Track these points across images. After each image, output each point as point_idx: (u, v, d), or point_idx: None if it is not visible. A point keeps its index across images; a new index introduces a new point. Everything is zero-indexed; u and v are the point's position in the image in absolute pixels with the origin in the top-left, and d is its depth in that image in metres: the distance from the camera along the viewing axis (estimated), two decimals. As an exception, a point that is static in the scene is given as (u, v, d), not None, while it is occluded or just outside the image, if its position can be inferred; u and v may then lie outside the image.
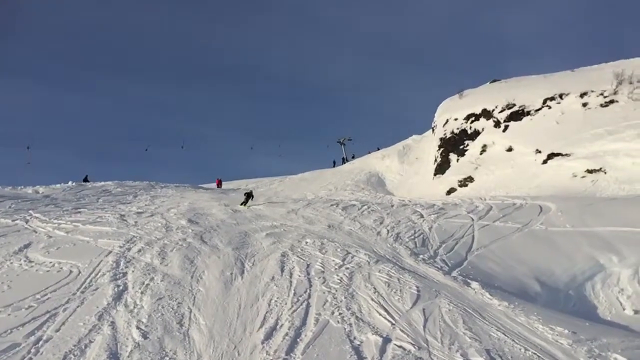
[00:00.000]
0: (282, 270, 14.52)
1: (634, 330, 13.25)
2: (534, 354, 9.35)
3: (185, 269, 14.43)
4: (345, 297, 12.19)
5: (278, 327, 10.53)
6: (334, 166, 62.71)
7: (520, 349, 9.51)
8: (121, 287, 12.69)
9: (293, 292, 12.66)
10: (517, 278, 16.08)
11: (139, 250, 16.17)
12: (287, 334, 10.06)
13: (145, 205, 26.57)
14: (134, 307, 11.51)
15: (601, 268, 16.65)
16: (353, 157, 64.47)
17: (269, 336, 10.05)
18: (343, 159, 65.74)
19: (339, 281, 13.41)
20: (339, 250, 16.86)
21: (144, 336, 10.07)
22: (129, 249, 16.26)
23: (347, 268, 14.70)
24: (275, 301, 12.08)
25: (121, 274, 13.70)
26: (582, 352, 9.62)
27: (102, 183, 36.36)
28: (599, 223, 19.74)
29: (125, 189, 33.32)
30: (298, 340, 9.80)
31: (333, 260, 15.51)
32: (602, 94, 38.16)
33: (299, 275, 13.96)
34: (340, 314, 11.12)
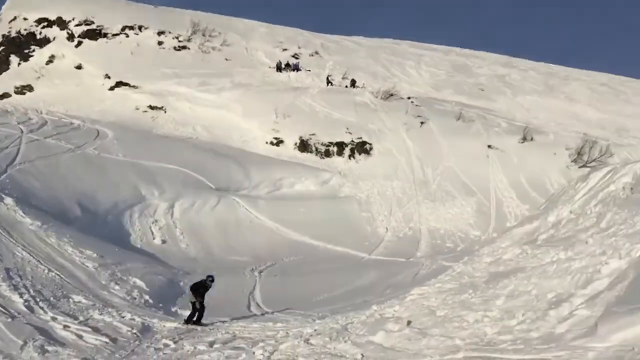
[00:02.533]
0: None
1: (158, 258, 14.71)
2: (57, 275, 9.31)
3: None
4: None
5: None
6: None
7: (43, 270, 9.30)
8: None
9: None
10: (59, 199, 15.67)
11: None
12: None
13: None
14: None
15: (142, 199, 17.75)
16: None
17: None
18: None
19: None
20: None
21: None
22: None
23: None
24: None
25: None
26: (105, 275, 10.12)
27: None
28: (150, 157, 20.90)
29: None
30: None
31: None
32: (177, 38, 40.31)
33: None
34: None
